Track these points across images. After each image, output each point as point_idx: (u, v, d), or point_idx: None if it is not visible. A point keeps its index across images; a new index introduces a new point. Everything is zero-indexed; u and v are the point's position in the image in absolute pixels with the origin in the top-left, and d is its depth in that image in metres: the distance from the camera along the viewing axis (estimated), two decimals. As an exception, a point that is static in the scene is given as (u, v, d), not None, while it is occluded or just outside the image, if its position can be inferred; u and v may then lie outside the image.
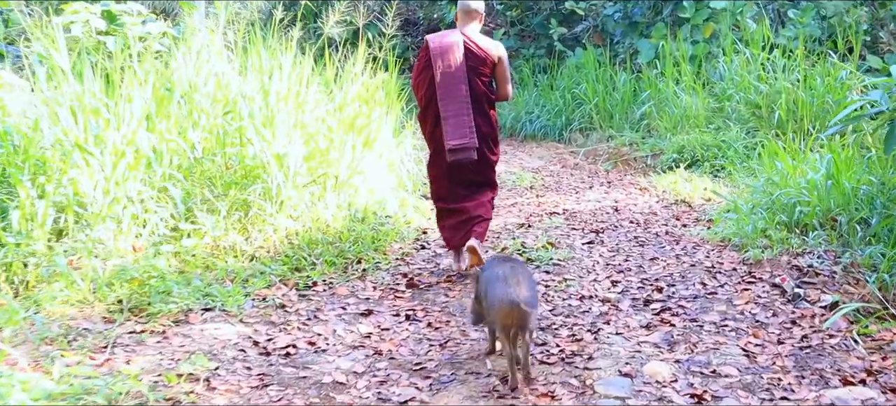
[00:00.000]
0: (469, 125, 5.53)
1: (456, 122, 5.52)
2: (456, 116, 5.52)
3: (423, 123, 5.85)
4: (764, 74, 11.12)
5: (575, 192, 9.22)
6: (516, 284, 3.84)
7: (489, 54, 5.66)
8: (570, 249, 6.42)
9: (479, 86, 5.63)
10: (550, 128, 13.81)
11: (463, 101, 5.53)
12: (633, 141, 11.69)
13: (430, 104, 5.66)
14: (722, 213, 7.55)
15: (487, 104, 5.73)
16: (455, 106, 5.52)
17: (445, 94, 5.53)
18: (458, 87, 5.52)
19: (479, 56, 5.63)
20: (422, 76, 5.71)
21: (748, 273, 5.71)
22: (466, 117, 5.53)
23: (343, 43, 9.55)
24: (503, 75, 5.76)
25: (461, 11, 5.81)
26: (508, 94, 5.87)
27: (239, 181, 6.37)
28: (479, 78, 5.63)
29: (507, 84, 5.80)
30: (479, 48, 5.63)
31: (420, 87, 5.72)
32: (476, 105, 5.61)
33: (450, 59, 5.53)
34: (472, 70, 5.59)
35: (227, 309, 4.96)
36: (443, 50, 5.55)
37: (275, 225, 6.15)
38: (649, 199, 8.65)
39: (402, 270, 5.97)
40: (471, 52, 5.60)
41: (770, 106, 10.66)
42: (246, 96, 6.76)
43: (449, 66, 5.51)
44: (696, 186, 8.80)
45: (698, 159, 10.16)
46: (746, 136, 10.40)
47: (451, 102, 5.53)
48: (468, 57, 5.58)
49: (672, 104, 11.61)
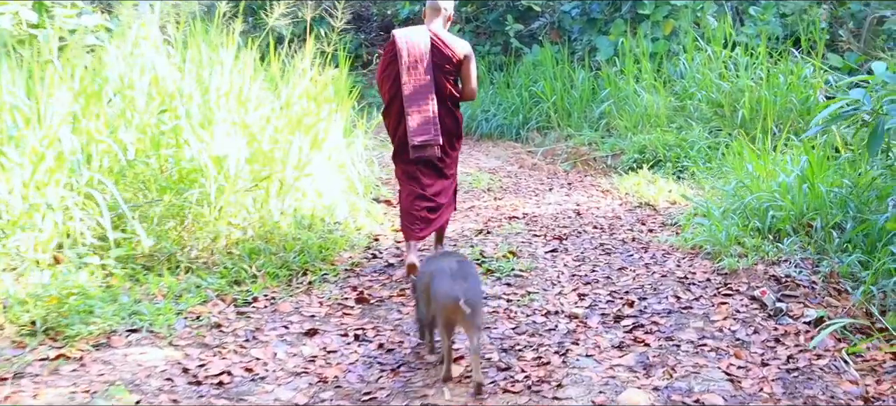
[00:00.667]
0: (433, 122, 5.50)
1: (421, 118, 5.48)
2: (421, 113, 5.48)
3: (388, 118, 5.75)
4: (726, 72, 10.81)
5: (534, 194, 8.78)
6: (461, 279, 3.75)
7: (456, 52, 5.58)
8: (532, 258, 5.97)
9: (444, 83, 5.58)
10: (507, 127, 13.36)
11: (428, 98, 5.49)
12: (593, 140, 11.29)
13: (395, 99, 5.59)
14: (690, 218, 7.17)
15: (452, 102, 5.68)
16: (420, 102, 5.48)
17: (411, 91, 5.49)
18: (423, 84, 5.49)
19: (445, 54, 5.55)
20: (387, 71, 5.62)
21: (723, 284, 5.31)
22: (431, 114, 5.49)
23: (291, 38, 9.05)
24: (469, 74, 5.67)
25: (429, 8, 5.73)
26: (474, 93, 5.79)
27: (174, 185, 5.82)
28: (444, 76, 5.58)
29: (472, 83, 5.71)
30: (445, 46, 5.56)
31: (385, 82, 5.64)
32: (441, 102, 5.57)
33: (416, 56, 5.48)
34: (437, 67, 5.54)
35: (155, 330, 4.44)
36: (409, 46, 5.49)
37: (213, 233, 5.62)
38: (612, 202, 8.24)
39: (352, 283, 5.47)
40: (437, 49, 5.53)
41: (733, 105, 10.35)
42: (183, 93, 6.21)
43: (415, 63, 5.47)
44: (660, 188, 8.41)
45: (661, 159, 9.80)
46: (709, 136, 10.07)
47: (417, 99, 5.48)
48: (434, 54, 5.52)
49: (632, 103, 11.23)
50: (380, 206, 7.82)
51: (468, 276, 3.83)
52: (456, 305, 3.62)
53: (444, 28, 5.74)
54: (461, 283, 3.73)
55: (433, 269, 3.97)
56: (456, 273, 3.80)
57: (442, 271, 3.84)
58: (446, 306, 3.70)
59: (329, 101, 7.75)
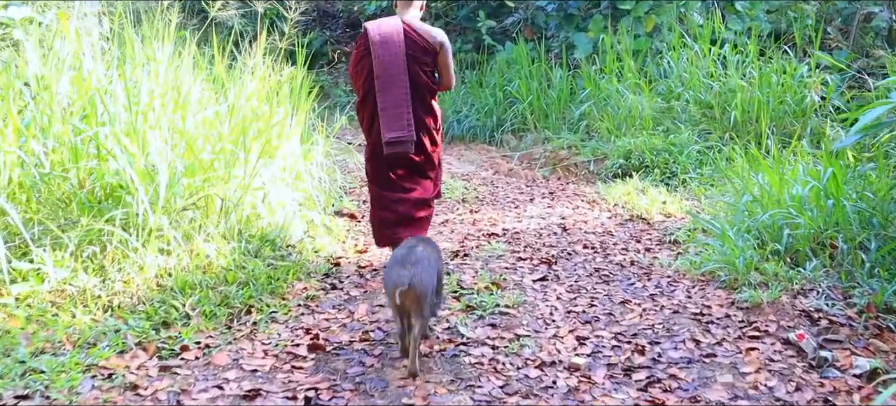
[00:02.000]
0: (407, 117, 5.19)
1: (394, 113, 5.17)
2: (394, 108, 5.17)
3: (361, 114, 5.41)
4: (715, 71, 9.97)
5: (514, 205, 7.86)
6: (409, 265, 3.73)
7: (431, 42, 5.26)
8: (519, 290, 5.02)
9: (419, 76, 5.25)
10: (480, 128, 12.43)
11: (402, 92, 5.17)
12: (573, 144, 10.39)
13: (369, 95, 5.27)
14: (690, 234, 6.30)
15: (429, 94, 5.35)
16: (394, 97, 5.16)
17: (384, 85, 5.16)
18: (397, 78, 5.16)
19: (420, 45, 5.24)
20: (360, 65, 5.30)
21: (747, 322, 4.42)
22: (405, 109, 5.18)
23: (244, 33, 8.10)
24: (445, 64, 5.35)
25: None
26: (451, 84, 5.49)
27: (96, 204, 4.85)
28: (420, 67, 5.26)
29: (449, 73, 5.41)
30: (419, 36, 5.24)
31: (358, 77, 5.32)
32: (417, 96, 5.25)
33: (389, 48, 5.16)
34: (412, 59, 5.21)
35: (52, 395, 3.46)
36: (382, 38, 5.17)
37: (140, 263, 4.65)
38: (600, 215, 7.34)
39: (305, 323, 4.49)
40: (411, 40, 5.22)
41: (723, 106, 9.51)
42: (108, 95, 5.23)
43: (388, 56, 5.15)
44: (652, 199, 7.53)
45: (648, 165, 8.93)
46: (699, 140, 9.23)
47: (390, 93, 5.17)
48: (408, 45, 5.20)
49: (615, 103, 10.35)
50: (342, 221, 6.88)
51: (417, 261, 3.77)
52: (402, 291, 3.63)
53: (416, 17, 5.40)
54: (409, 268, 3.70)
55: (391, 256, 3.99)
56: (404, 259, 3.78)
57: (393, 258, 3.89)
58: (392, 292, 3.68)
59: (284, 102, 6.80)
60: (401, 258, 3.81)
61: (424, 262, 3.80)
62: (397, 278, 3.67)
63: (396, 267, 3.75)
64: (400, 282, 3.64)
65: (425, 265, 3.79)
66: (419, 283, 3.67)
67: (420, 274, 3.70)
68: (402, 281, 3.64)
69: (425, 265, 3.79)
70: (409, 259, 3.78)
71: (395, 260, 3.85)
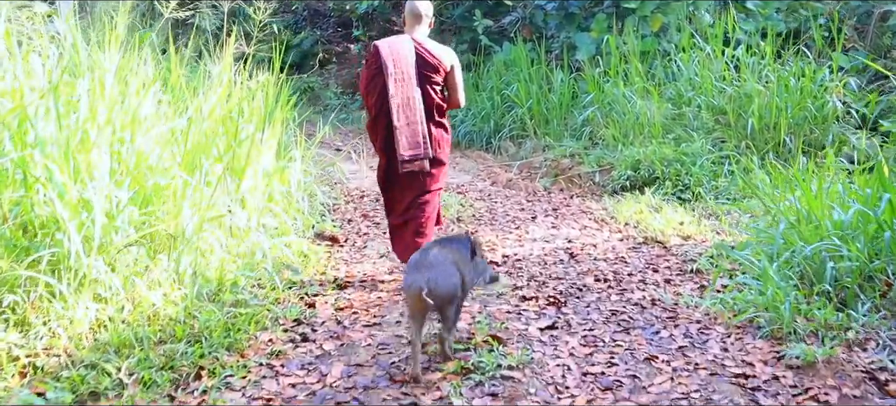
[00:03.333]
0: (422, 135, 5.12)
1: (410, 131, 5.10)
2: (409, 126, 5.10)
3: (374, 132, 5.29)
4: (728, 74, 9.15)
5: (515, 225, 7.02)
6: (426, 269, 3.65)
7: (442, 62, 5.19)
8: (524, 343, 4.16)
9: (431, 94, 5.18)
10: (477, 134, 11.59)
11: (416, 111, 5.10)
12: (575, 152, 9.57)
13: (382, 113, 5.15)
14: (711, 258, 5.51)
15: (439, 113, 5.29)
16: (408, 115, 5.09)
17: (399, 104, 5.07)
18: (411, 96, 5.09)
19: (432, 63, 5.16)
20: (372, 83, 5.17)
21: (801, 388, 3.59)
22: (420, 127, 5.11)
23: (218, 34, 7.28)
24: (455, 84, 5.30)
25: (409, 14, 5.32)
26: (461, 103, 5.43)
27: (20, 243, 4.01)
28: (431, 86, 5.19)
29: (459, 92, 5.35)
30: (431, 55, 5.17)
31: (371, 95, 5.19)
32: (429, 114, 5.19)
33: (402, 67, 5.09)
34: (423, 78, 5.14)
35: None
36: (394, 57, 5.09)
37: (70, 315, 3.82)
38: (610, 237, 6.51)
39: (266, 391, 3.63)
40: (423, 58, 5.14)
41: (738, 112, 8.69)
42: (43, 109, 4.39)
43: (401, 74, 5.08)
44: (667, 219, 6.70)
45: (658, 177, 8.11)
46: (713, 149, 8.41)
47: (405, 111, 5.09)
48: (420, 64, 5.14)
49: (620, 109, 9.53)
50: (323, 247, 6.06)
51: (433, 264, 3.70)
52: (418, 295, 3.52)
53: (426, 35, 5.29)
54: (424, 272, 3.62)
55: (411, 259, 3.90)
56: (419, 263, 3.72)
57: (411, 261, 3.82)
58: (409, 296, 3.64)
59: (259, 114, 5.98)
60: (416, 263, 3.76)
61: (441, 265, 3.72)
62: (413, 283, 3.59)
63: (411, 272, 3.69)
64: (415, 286, 3.56)
65: (443, 267, 3.71)
66: (436, 287, 3.58)
67: (436, 278, 3.61)
68: (418, 286, 3.54)
69: (443, 267, 3.71)
70: (424, 263, 3.71)
71: (411, 265, 3.80)
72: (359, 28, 16.15)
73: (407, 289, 3.65)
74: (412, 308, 3.65)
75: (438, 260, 3.76)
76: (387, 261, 5.84)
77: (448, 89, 5.32)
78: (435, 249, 3.87)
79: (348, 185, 8.79)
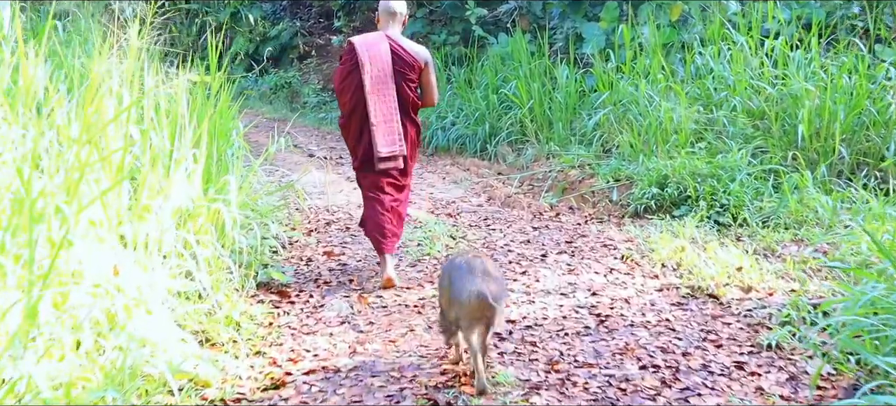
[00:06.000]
0: (398, 132, 5.03)
1: (386, 128, 5.00)
2: (386, 123, 5.01)
3: (347, 129, 5.16)
4: (767, 71, 7.49)
5: (520, 266, 5.33)
6: (482, 276, 3.40)
7: (417, 59, 5.08)
8: None
9: (406, 91, 5.08)
10: (470, 139, 9.85)
11: (392, 107, 5.01)
12: (585, 162, 7.89)
13: (356, 110, 5.02)
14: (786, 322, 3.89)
15: (414, 110, 5.19)
16: (385, 112, 5.00)
17: (375, 101, 4.97)
18: (387, 93, 5.00)
19: (407, 61, 5.06)
20: (348, 80, 5.03)
21: None
22: (395, 124, 5.02)
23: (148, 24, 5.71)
24: (429, 81, 5.18)
25: (383, 12, 5.18)
26: (434, 100, 5.31)
27: None
28: (406, 83, 5.07)
29: (433, 90, 5.23)
30: (405, 52, 5.06)
31: (345, 93, 5.05)
32: (404, 111, 5.09)
33: (378, 63, 4.98)
34: (399, 75, 5.04)
35: None
36: (371, 54, 4.97)
37: None
38: (646, 286, 4.86)
39: None
40: (398, 56, 5.04)
41: (782, 117, 7.05)
42: None
43: (378, 71, 4.97)
44: (718, 261, 5.04)
45: (690, 196, 6.46)
46: (753, 160, 6.78)
47: (381, 108, 4.98)
48: (395, 61, 5.03)
49: (638, 111, 7.86)
50: (265, 306, 4.39)
51: (487, 272, 3.45)
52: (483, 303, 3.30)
53: (399, 32, 5.20)
54: (485, 280, 3.38)
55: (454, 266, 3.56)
56: (476, 270, 3.44)
57: (457, 268, 3.51)
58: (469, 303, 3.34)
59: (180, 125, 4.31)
60: (470, 268, 3.46)
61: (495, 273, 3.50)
62: (481, 289, 3.32)
63: (470, 277, 3.40)
64: (479, 293, 3.31)
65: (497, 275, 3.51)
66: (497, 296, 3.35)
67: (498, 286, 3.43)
68: (481, 292, 3.31)
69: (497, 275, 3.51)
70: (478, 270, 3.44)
71: (462, 270, 3.47)
72: (340, 19, 14.38)
73: (469, 296, 3.35)
74: (470, 317, 3.37)
75: (490, 268, 3.51)
76: (349, 329, 4.18)
77: (422, 87, 5.20)
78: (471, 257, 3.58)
79: (315, 204, 7.12)
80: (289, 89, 14.17)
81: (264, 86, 14.52)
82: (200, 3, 15.70)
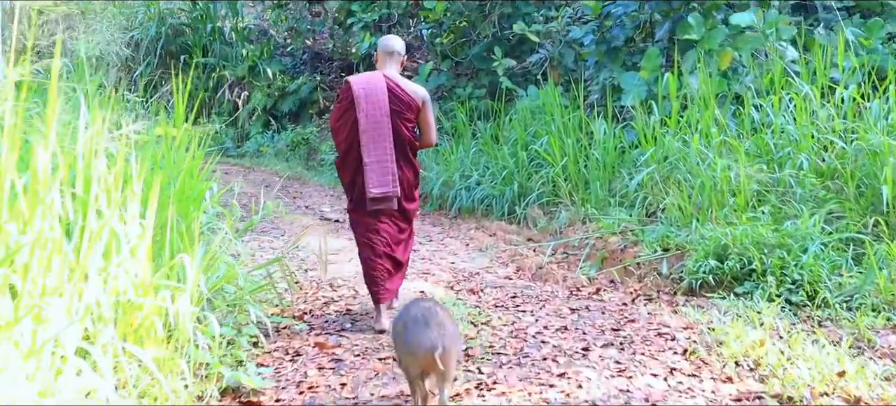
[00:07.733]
0: (392, 172, 4.88)
1: (380, 169, 4.85)
2: (380, 163, 4.85)
3: (343, 169, 5.05)
4: (838, 124, 6.42)
5: (557, 366, 4.17)
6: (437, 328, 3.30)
7: (414, 99, 4.96)
8: None
9: (403, 131, 4.95)
10: (497, 199, 8.78)
11: (387, 147, 4.87)
12: (628, 227, 6.82)
13: (352, 149, 4.93)
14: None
15: (411, 151, 5.05)
16: (379, 152, 4.86)
17: (370, 140, 4.86)
18: (382, 133, 4.87)
19: (404, 100, 4.93)
20: (343, 119, 4.96)
21: None
22: (390, 164, 4.88)
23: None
24: (427, 121, 5.07)
25: (382, 52, 5.09)
26: (433, 141, 5.17)
27: None
28: (403, 123, 4.94)
29: (431, 130, 5.11)
30: (402, 91, 4.94)
31: (341, 131, 4.98)
32: (400, 151, 4.95)
33: (375, 102, 4.87)
34: (396, 114, 4.91)
35: None
36: (367, 92, 4.88)
37: None
38: (719, 393, 3.75)
39: None
40: (394, 95, 4.91)
41: (859, 176, 5.97)
42: None
43: (374, 110, 4.87)
44: (810, 359, 3.93)
45: (755, 270, 5.37)
46: (827, 228, 5.70)
47: (376, 148, 4.87)
48: (392, 100, 4.90)
49: (688, 170, 6.79)
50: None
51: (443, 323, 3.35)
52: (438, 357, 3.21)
53: (397, 72, 5.04)
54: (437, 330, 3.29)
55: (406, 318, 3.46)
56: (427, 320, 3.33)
57: (411, 318, 3.41)
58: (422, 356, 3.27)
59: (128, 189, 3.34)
60: (423, 319, 3.34)
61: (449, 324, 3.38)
62: (432, 340, 3.24)
63: (423, 329, 3.30)
64: (430, 346, 3.22)
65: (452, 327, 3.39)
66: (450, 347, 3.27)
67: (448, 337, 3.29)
68: (435, 344, 3.22)
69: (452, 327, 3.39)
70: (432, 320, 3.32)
71: (415, 321, 3.35)
72: (361, 71, 13.54)
73: (418, 348, 3.26)
74: (417, 368, 3.31)
75: (445, 318, 3.38)
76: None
77: (421, 126, 5.09)
78: (429, 305, 3.47)
79: (316, 277, 6.10)
80: (306, 146, 13.29)
81: (281, 143, 13.67)
82: (218, 58, 14.94)
